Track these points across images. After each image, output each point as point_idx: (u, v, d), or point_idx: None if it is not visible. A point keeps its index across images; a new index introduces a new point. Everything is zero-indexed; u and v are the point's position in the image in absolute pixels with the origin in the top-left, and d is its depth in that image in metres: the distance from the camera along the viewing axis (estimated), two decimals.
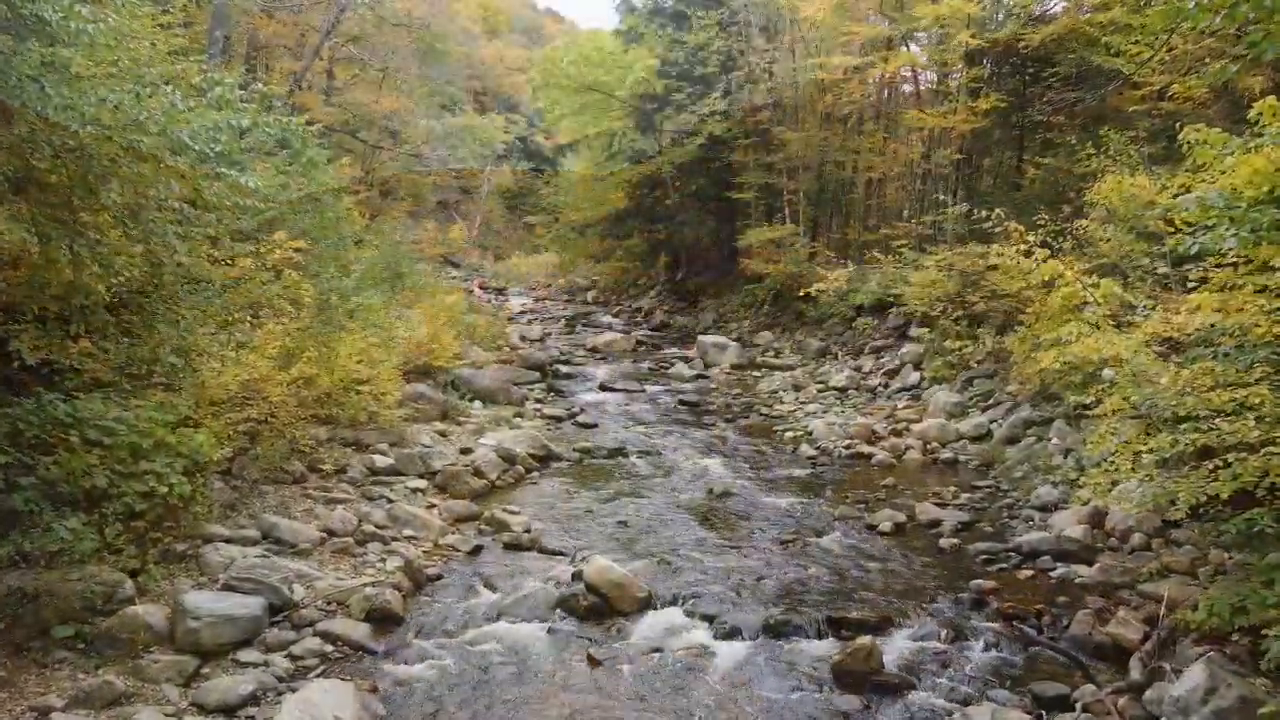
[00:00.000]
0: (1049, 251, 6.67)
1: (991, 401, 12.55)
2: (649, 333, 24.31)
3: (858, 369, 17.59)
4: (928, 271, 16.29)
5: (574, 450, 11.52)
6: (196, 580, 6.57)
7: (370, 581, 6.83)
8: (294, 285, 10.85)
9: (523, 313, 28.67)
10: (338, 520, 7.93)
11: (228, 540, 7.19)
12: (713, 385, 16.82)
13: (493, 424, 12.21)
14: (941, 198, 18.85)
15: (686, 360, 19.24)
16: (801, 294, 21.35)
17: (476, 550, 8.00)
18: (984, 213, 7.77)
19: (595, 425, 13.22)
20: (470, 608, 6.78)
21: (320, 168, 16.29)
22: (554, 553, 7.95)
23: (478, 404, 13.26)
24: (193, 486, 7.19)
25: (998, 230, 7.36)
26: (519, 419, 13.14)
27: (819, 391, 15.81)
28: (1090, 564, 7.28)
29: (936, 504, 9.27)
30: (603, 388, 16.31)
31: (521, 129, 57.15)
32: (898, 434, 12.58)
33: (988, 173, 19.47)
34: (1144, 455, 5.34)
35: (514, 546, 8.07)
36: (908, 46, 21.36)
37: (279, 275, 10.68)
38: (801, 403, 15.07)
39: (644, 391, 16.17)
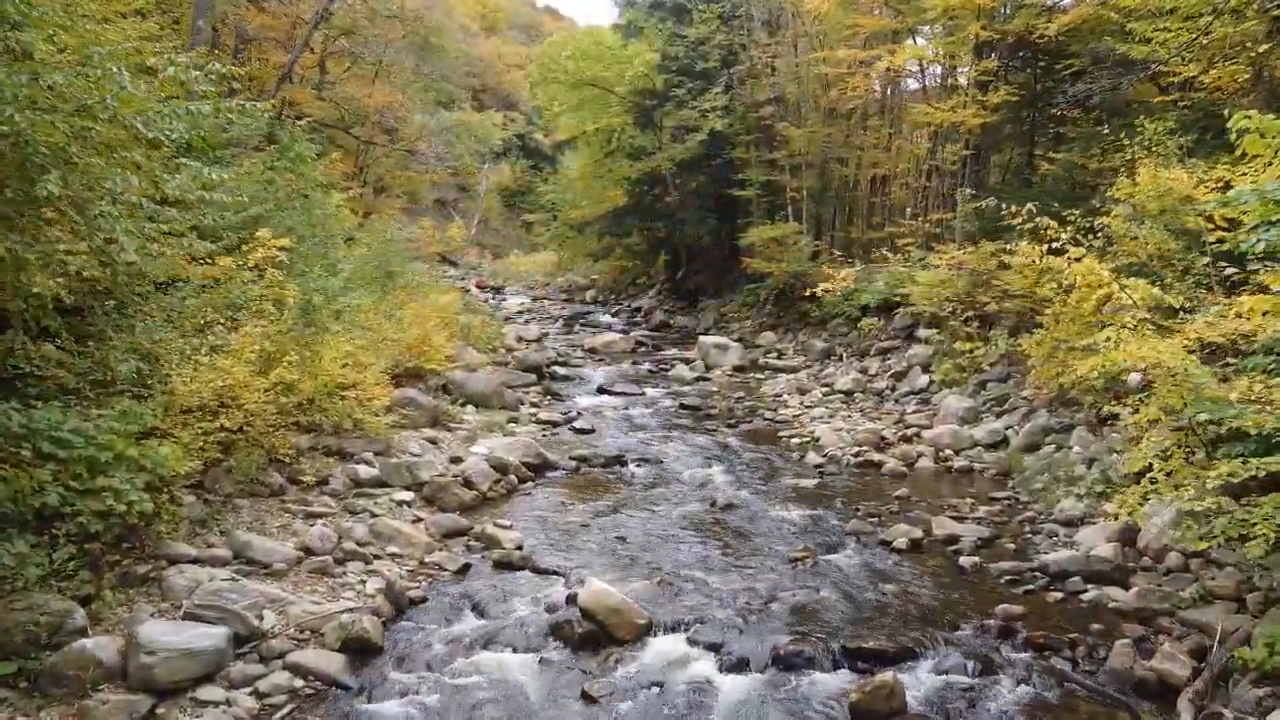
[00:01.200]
0: (1083, 250, 6.15)
1: (1006, 407, 12.03)
2: (648, 333, 23.81)
3: (863, 371, 17.09)
4: (936, 271, 15.81)
5: (570, 458, 10.99)
6: (158, 606, 6.05)
7: (347, 607, 6.30)
8: (277, 285, 10.37)
9: (520, 312, 28.19)
10: (316, 537, 7.40)
11: (195, 561, 6.67)
12: (714, 388, 16.30)
13: (485, 430, 11.69)
14: (956, 189, 18.28)
15: (687, 362, 18.73)
16: (806, 294, 20.85)
17: (464, 569, 7.47)
18: (1011, 208, 7.22)
19: (593, 431, 12.70)
20: (455, 635, 6.26)
21: (309, 163, 15.83)
22: (548, 572, 7.43)
23: (470, 409, 12.73)
24: (156, 503, 6.68)
25: (1025, 226, 6.83)
26: (513, 425, 12.62)
27: (824, 395, 15.29)
28: (1124, 586, 6.76)
29: (953, 517, 8.75)
30: (601, 391, 15.79)
31: (520, 127, 56.81)
32: (908, 440, 12.06)
33: (997, 168, 18.96)
34: (1209, 480, 4.81)
35: (505, 565, 7.55)
36: (914, 39, 20.87)
37: (262, 275, 10.22)
38: (806, 406, 14.55)
39: (643, 395, 15.65)
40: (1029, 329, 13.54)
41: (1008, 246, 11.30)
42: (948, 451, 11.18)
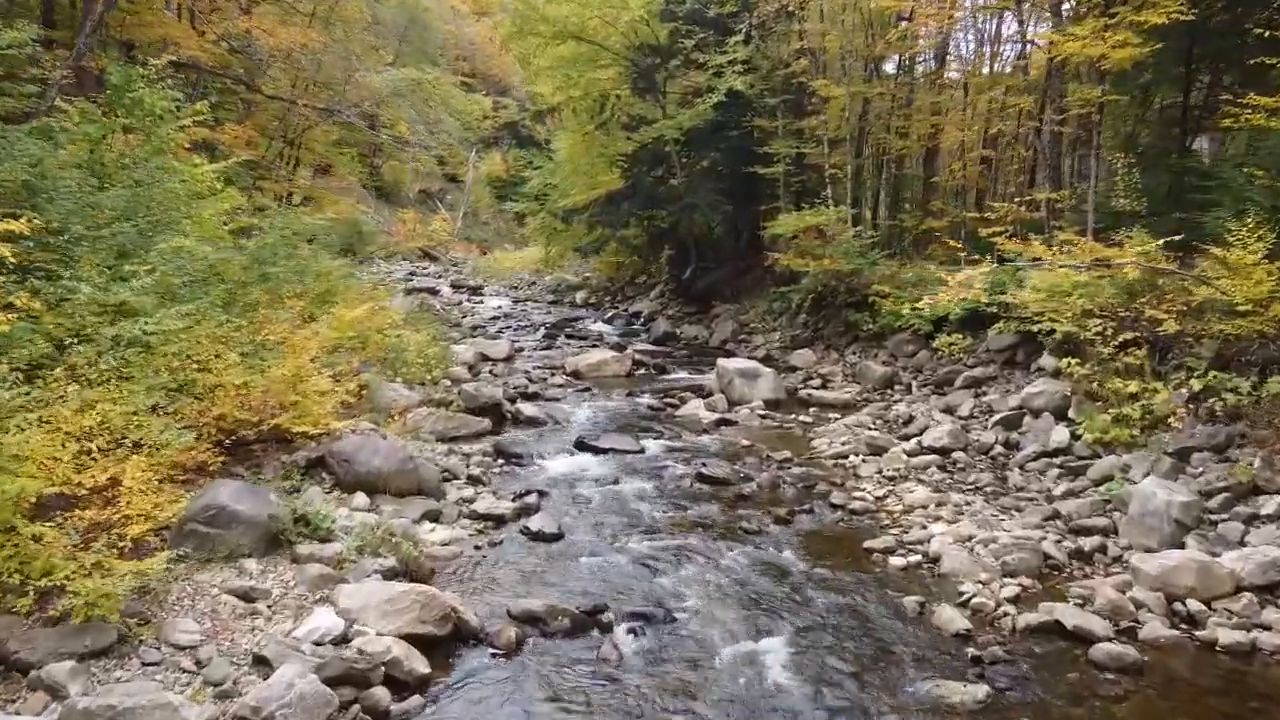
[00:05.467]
0: None
1: (1270, 511, 7.04)
2: (650, 348, 18.83)
3: (949, 410, 12.19)
4: (1063, 270, 10.95)
5: (510, 615, 6.05)
6: None
7: None
8: None
9: (494, 318, 23.26)
10: None
11: None
12: (744, 439, 11.32)
13: (369, 552, 6.72)
14: (1085, 156, 13.30)
15: (703, 395, 13.77)
16: (853, 299, 15.97)
17: None
18: None
19: (558, 537, 7.75)
20: None
21: (165, 118, 10.96)
22: None
23: (359, 501, 7.78)
24: None
25: None
26: (428, 526, 7.69)
27: (909, 455, 10.33)
28: None
29: None
30: (580, 447, 10.84)
31: (514, 113, 52.37)
32: (1086, 560, 7.16)
33: (1144, 126, 13.97)
34: None
35: None
36: None
37: None
38: (889, 478, 9.61)
39: (642, 452, 10.71)
40: (1254, 363, 8.68)
41: None
42: (1193, 604, 6.19)
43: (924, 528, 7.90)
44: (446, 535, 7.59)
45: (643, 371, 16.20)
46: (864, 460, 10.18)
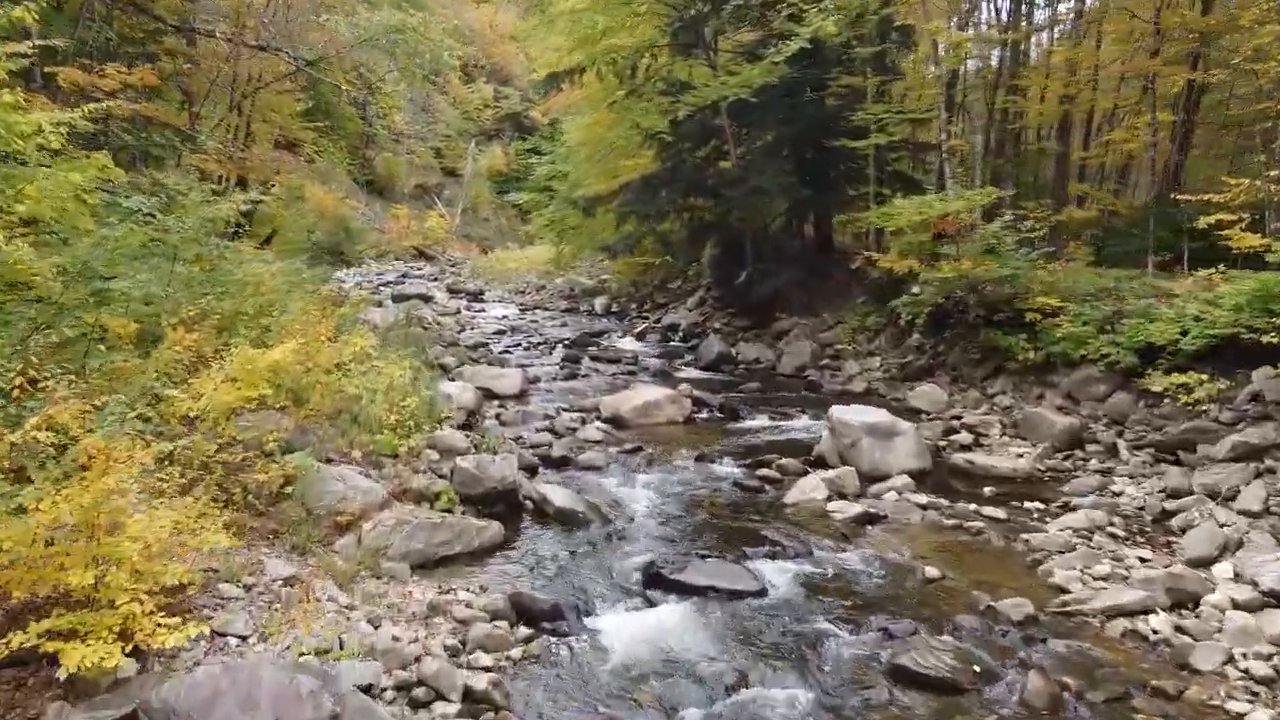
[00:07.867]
0: None
1: None
2: (702, 375, 14.40)
3: (1221, 498, 7.80)
4: None
5: None
6: None
7: None
8: None
9: (500, 332, 18.78)
10: None
11: None
12: (928, 566, 6.76)
13: None
14: None
15: (809, 459, 9.31)
16: (999, 316, 11.57)
17: None
18: None
19: None
20: None
21: None
22: None
23: None
24: None
25: None
26: None
27: (1245, 609, 5.86)
28: None
29: None
30: (651, 581, 6.35)
31: (516, 103, 49.57)
32: None
33: None
34: None
35: None
36: None
37: None
38: (1259, 677, 5.14)
39: (764, 595, 6.22)
40: None
41: None
42: None
43: None
44: None
45: (706, 416, 11.73)
46: (1176, 627, 5.69)
